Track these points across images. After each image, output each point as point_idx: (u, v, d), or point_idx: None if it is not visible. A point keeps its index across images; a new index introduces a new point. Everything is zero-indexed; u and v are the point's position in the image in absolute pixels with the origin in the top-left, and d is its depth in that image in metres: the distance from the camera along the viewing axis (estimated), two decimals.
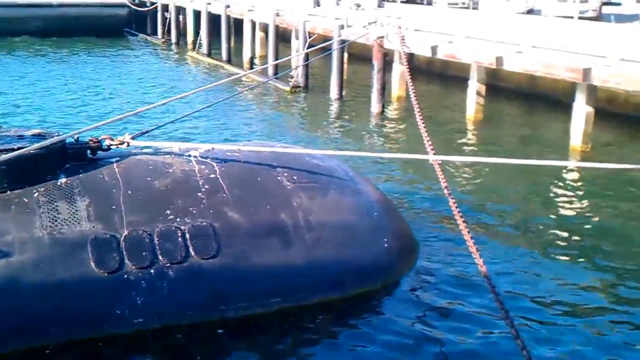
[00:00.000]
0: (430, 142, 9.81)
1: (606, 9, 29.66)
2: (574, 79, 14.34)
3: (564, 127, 15.90)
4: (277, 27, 25.96)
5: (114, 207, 7.27)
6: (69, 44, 34.10)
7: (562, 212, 11.80)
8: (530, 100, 20.36)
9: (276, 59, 24.80)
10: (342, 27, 21.25)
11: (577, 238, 10.43)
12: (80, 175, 7.55)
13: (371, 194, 8.98)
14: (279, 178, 8.33)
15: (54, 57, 30.88)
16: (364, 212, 8.50)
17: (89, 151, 7.97)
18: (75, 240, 6.89)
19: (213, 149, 8.62)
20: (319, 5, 26.33)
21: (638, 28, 22.22)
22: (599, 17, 26.75)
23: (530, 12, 29.13)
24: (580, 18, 23.64)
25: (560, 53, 15.09)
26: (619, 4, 36.43)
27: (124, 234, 7.04)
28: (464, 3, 30.72)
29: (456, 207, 8.10)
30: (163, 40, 37.34)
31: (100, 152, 8.03)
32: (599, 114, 15.54)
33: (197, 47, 33.04)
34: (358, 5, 24.50)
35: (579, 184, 13.39)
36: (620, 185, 12.95)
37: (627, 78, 13.25)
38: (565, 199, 12.54)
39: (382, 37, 19.28)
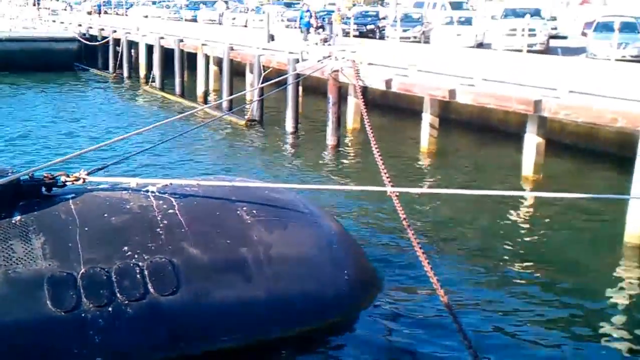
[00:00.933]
0: (387, 174, 9.90)
1: (553, 42, 30.52)
2: (525, 110, 14.65)
3: (517, 157, 16.21)
4: (231, 61, 26.02)
5: (70, 244, 7.12)
6: (19, 79, 33.56)
7: (517, 240, 11.99)
8: (482, 132, 20.72)
9: (231, 93, 24.82)
10: (296, 60, 21.41)
11: (531, 264, 10.68)
12: (35, 213, 7.39)
13: (331, 226, 8.99)
14: (238, 212, 8.28)
15: (2, 92, 30.33)
16: (323, 245, 8.49)
17: (44, 188, 7.81)
18: (30, 279, 6.72)
19: (171, 184, 8.54)
20: (273, 40, 26.50)
21: (584, 61, 22.89)
22: (547, 50, 27.48)
23: (480, 45, 29.78)
24: (528, 51, 24.23)
25: (511, 85, 15.43)
26: (565, 38, 37.55)
27: (80, 272, 6.89)
28: (415, 37, 31.22)
29: (415, 239, 8.17)
30: (115, 74, 37.03)
31: (56, 188, 7.88)
32: (550, 145, 15.91)
33: (149, 81, 32.83)
34: (325, 40, 24.69)
35: (532, 212, 13.67)
36: (571, 213, 13.24)
37: (576, 110, 13.60)
38: (519, 227, 12.79)
39: (337, 70, 19.48)
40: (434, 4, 41.36)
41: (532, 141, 15.44)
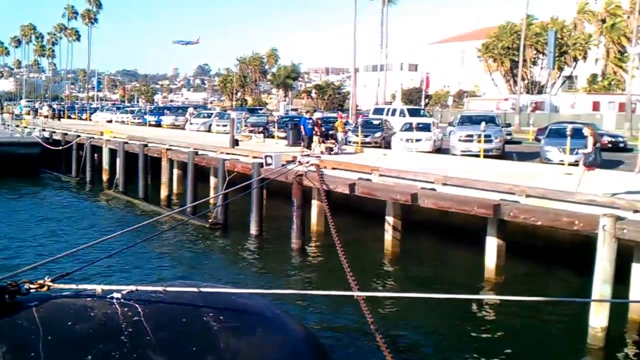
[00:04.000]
0: (353, 278, 9.96)
1: (508, 147, 31.53)
2: (485, 214, 15.00)
3: (479, 258, 16.43)
4: (195, 165, 26.26)
5: (32, 353, 6.94)
6: None
7: (482, 342, 12.02)
8: (445, 233, 21.01)
9: (195, 197, 24.91)
10: (261, 165, 21.71)
11: None
12: None
13: (299, 332, 8.92)
14: (204, 318, 8.20)
15: None
16: (292, 351, 8.40)
17: (6, 295, 7.67)
18: None
19: (137, 290, 8.44)
20: (237, 145, 26.93)
21: (538, 166, 23.63)
22: (503, 155, 28.33)
23: (438, 150, 30.64)
24: (485, 156, 25.00)
25: (471, 190, 15.84)
26: (519, 143, 38.84)
27: None
28: (376, 142, 32.02)
29: (383, 343, 8.16)
30: (78, 179, 36.93)
31: (19, 296, 7.74)
32: (511, 246, 16.19)
33: (113, 185, 32.78)
34: (330, 149, 24.89)
35: (495, 314, 13.79)
36: (534, 315, 13.36)
37: (534, 213, 13.99)
38: (483, 329, 12.85)
39: (301, 175, 19.80)
40: (393, 111, 42.76)
41: (493, 244, 15.74)
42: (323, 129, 26.86)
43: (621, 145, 36.01)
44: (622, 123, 52.96)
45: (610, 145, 34.88)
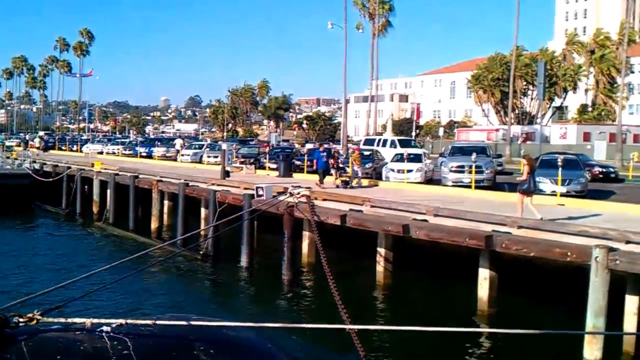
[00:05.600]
0: (345, 311, 9.89)
1: (500, 178, 31.60)
2: (477, 245, 14.98)
3: (472, 289, 16.35)
4: (186, 197, 26.18)
5: None
6: None
7: None
8: (437, 264, 20.93)
9: (185, 228, 24.79)
10: (252, 196, 21.67)
11: None
12: None
13: None
14: (195, 352, 8.06)
15: None
16: None
17: None
18: None
19: (126, 323, 8.31)
20: (228, 176, 26.91)
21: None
22: (494, 186, 28.38)
23: (429, 181, 30.69)
24: (476, 187, 25.07)
25: (463, 221, 15.83)
26: (510, 174, 38.97)
27: None
28: (367, 173, 32.01)
29: None
30: (68, 210, 36.71)
31: (8, 329, 7.63)
32: (503, 277, 16.12)
33: (103, 217, 32.62)
34: (347, 183, 24.73)
35: (489, 347, 13.65)
36: (528, 348, 13.26)
37: (526, 244, 13.97)
38: None
39: (292, 206, 19.75)
40: (384, 141, 42.90)
41: (485, 275, 15.70)
42: (340, 161, 26.02)
43: (612, 175, 36.22)
44: (613, 153, 53.30)
45: (601, 176, 35.08)
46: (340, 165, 26.33)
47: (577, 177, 24.98)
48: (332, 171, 25.76)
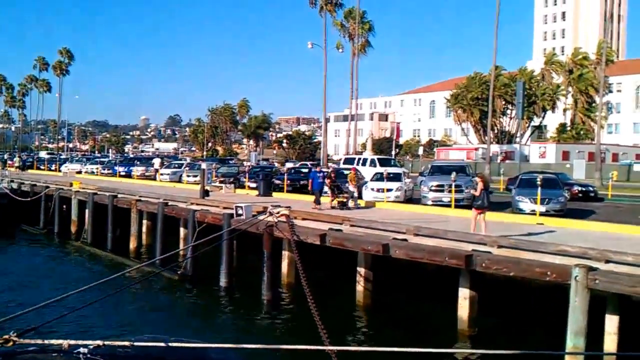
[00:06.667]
0: (325, 331, 9.80)
1: None
2: (457, 265, 14.96)
3: (452, 308, 16.31)
4: (165, 216, 25.98)
5: None
6: None
7: None
8: (417, 283, 20.90)
9: (164, 248, 24.56)
10: (231, 216, 21.54)
11: None
12: None
13: None
14: None
15: None
16: None
17: None
18: None
19: (104, 344, 8.18)
20: (207, 196, 26.76)
21: (511, 215, 23.78)
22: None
23: (409, 200, 30.74)
24: (456, 206, 25.15)
25: (444, 240, 15.83)
26: (491, 192, 39.12)
27: None
28: (346, 193, 32.06)
29: None
30: (46, 230, 36.28)
31: None
32: (483, 296, 16.10)
33: (82, 237, 32.26)
34: (344, 204, 24.47)
35: None
36: None
37: (506, 264, 13.98)
38: None
39: (272, 225, 19.66)
40: (364, 160, 42.94)
41: (465, 295, 15.66)
42: (337, 182, 25.64)
43: (592, 194, 36.48)
44: (592, 172, 53.73)
45: (580, 195, 35.33)
46: (339, 185, 25.90)
47: (556, 196, 25.16)
48: (328, 192, 25.51)
